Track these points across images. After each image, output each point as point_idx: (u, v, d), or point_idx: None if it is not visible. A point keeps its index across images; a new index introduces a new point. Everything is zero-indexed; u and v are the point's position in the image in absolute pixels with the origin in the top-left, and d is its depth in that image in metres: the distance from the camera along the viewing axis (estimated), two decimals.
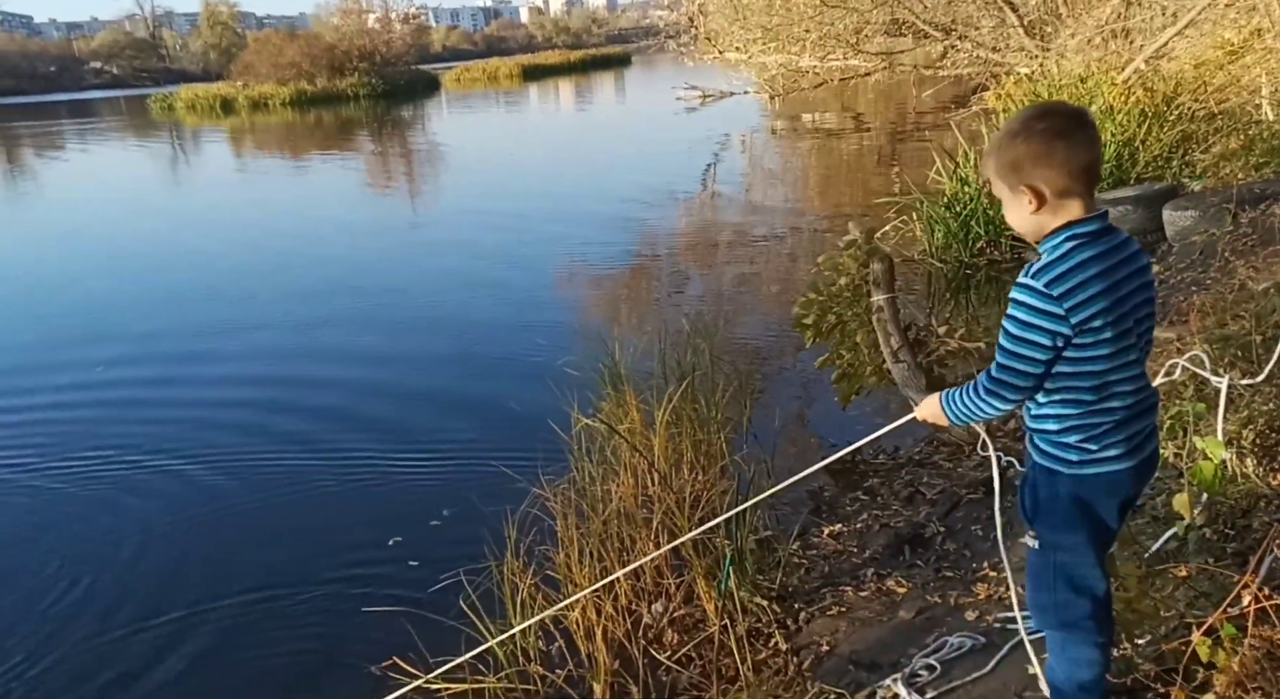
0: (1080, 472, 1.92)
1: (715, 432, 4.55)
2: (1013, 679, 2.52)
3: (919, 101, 20.39)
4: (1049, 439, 1.94)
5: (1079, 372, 1.85)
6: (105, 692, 3.41)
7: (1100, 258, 1.83)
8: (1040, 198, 1.85)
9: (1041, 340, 1.81)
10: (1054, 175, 1.83)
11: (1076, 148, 1.83)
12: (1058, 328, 1.80)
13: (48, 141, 26.44)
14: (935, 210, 8.00)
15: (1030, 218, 1.89)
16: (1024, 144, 1.86)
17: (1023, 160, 1.86)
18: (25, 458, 5.42)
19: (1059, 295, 1.79)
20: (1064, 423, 1.91)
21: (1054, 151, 1.83)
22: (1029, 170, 1.85)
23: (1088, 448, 1.91)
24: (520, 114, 30.98)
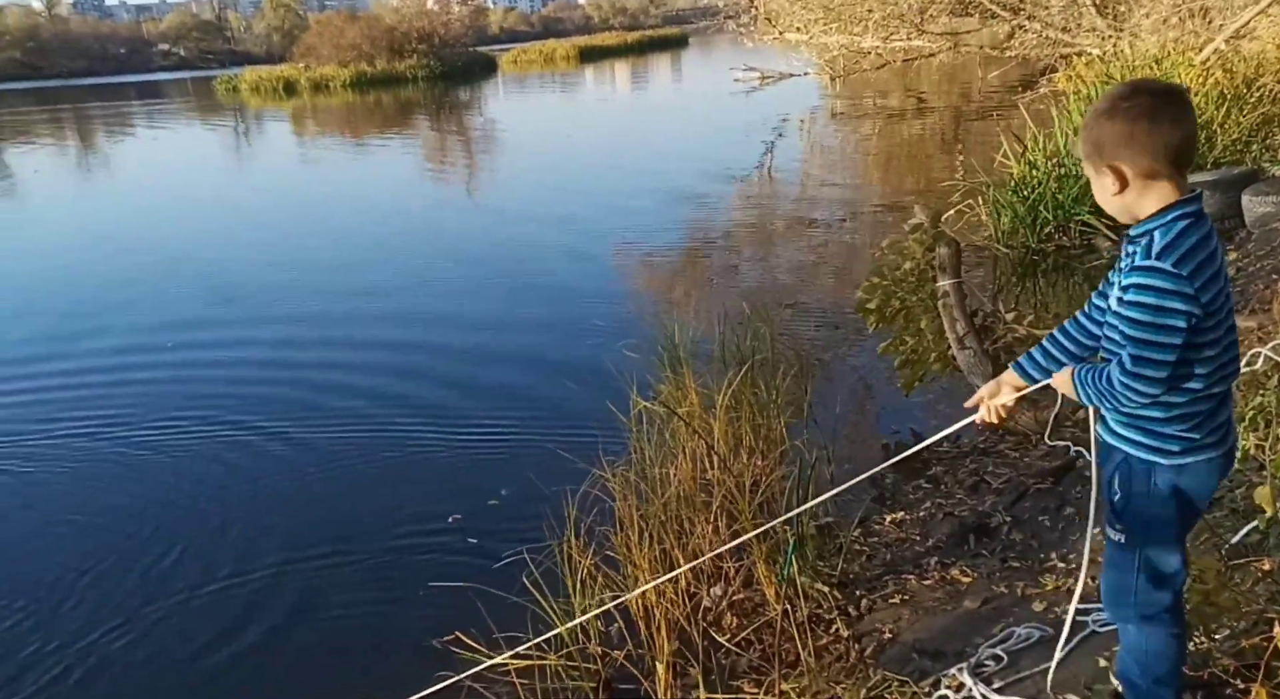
0: (1182, 461, 1.86)
1: (775, 416, 4.52)
2: (1082, 671, 2.47)
3: (984, 83, 19.93)
4: (1150, 428, 1.88)
5: (1198, 357, 1.79)
6: (198, 650, 3.51)
7: (1206, 239, 1.77)
8: (1122, 179, 1.79)
9: (1177, 323, 1.74)
10: (1137, 156, 1.78)
11: (1161, 128, 1.77)
12: (1190, 308, 1.74)
13: (119, 122, 27.12)
14: (1002, 194, 7.82)
15: (1113, 199, 1.83)
16: (1108, 123, 1.80)
17: (1105, 140, 1.80)
18: (109, 425, 5.63)
19: (1188, 275, 1.73)
20: (1170, 411, 1.85)
21: (1137, 132, 1.77)
22: (1111, 151, 1.80)
23: (1190, 437, 1.85)
24: (576, 96, 30.99)
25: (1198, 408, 1.84)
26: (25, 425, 5.72)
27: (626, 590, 3.38)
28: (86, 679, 3.38)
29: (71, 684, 3.36)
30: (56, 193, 15.79)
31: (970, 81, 21.14)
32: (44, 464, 5.18)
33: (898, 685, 2.68)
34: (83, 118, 28.61)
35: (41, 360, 6.96)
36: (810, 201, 11.08)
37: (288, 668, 3.40)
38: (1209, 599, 2.23)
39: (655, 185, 12.33)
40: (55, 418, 5.77)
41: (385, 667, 3.30)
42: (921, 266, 4.98)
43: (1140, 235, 1.82)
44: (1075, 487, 3.70)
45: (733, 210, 10.92)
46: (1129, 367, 1.79)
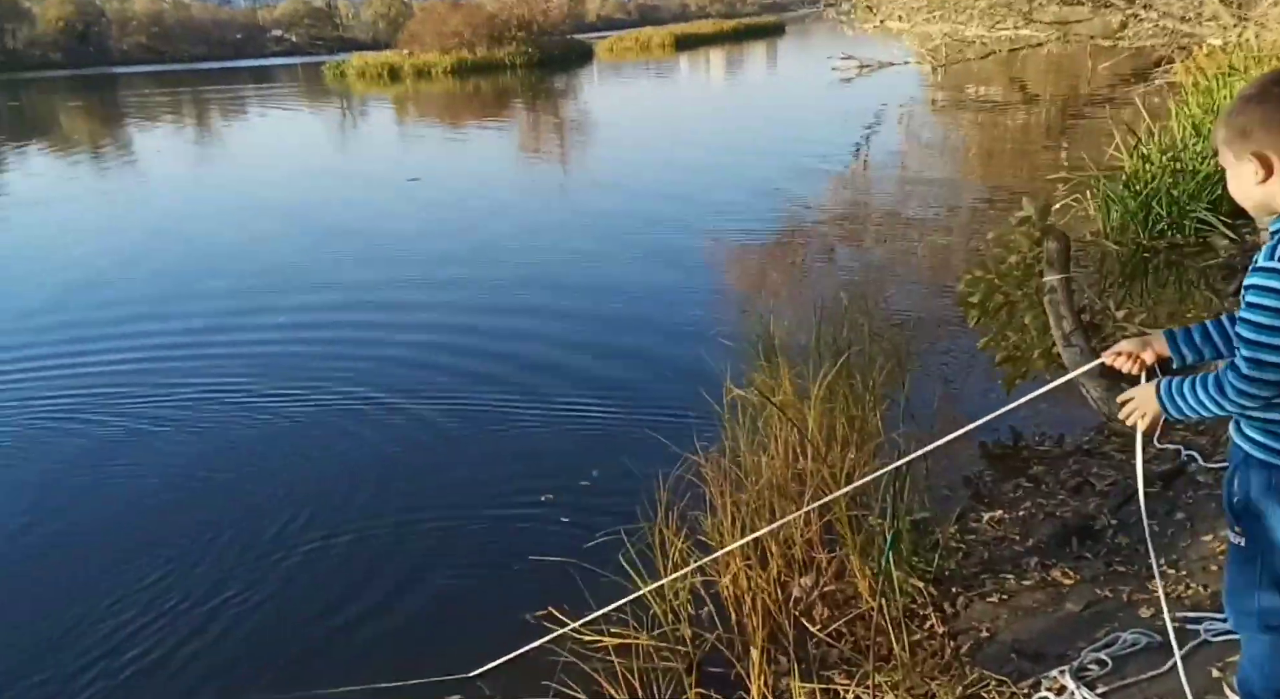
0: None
1: (870, 408, 4.47)
2: (1193, 681, 2.39)
3: (1094, 75, 19.21)
4: (1272, 431, 1.81)
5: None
6: (316, 611, 3.65)
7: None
8: (1269, 168, 1.72)
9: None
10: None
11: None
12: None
13: (235, 105, 28.18)
14: (1112, 189, 7.55)
15: (1255, 189, 1.75)
16: (1258, 108, 1.72)
17: (1254, 126, 1.72)
18: (234, 390, 5.93)
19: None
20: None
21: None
22: (1259, 136, 1.72)
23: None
24: (671, 84, 30.95)
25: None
26: (158, 387, 6.03)
27: (718, 576, 3.40)
28: (222, 634, 3.55)
29: (208, 640, 3.52)
30: (177, 170, 16.50)
31: (1079, 72, 20.40)
32: (177, 424, 5.46)
33: (995, 685, 2.64)
34: (201, 101, 29.81)
35: (173, 323, 7.43)
36: (907, 193, 10.87)
37: (392, 634, 3.51)
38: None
39: (749, 174, 12.26)
40: (185, 381, 6.10)
41: (480, 637, 3.38)
42: (1028, 260, 4.83)
43: (1276, 232, 1.75)
44: (1186, 491, 3.57)
45: (827, 201, 10.79)
46: (1245, 370, 1.73)
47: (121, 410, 5.67)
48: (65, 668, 3.38)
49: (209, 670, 3.35)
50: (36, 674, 3.36)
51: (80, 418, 5.60)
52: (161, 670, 3.36)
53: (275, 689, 3.21)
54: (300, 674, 3.29)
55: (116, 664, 3.39)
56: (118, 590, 3.82)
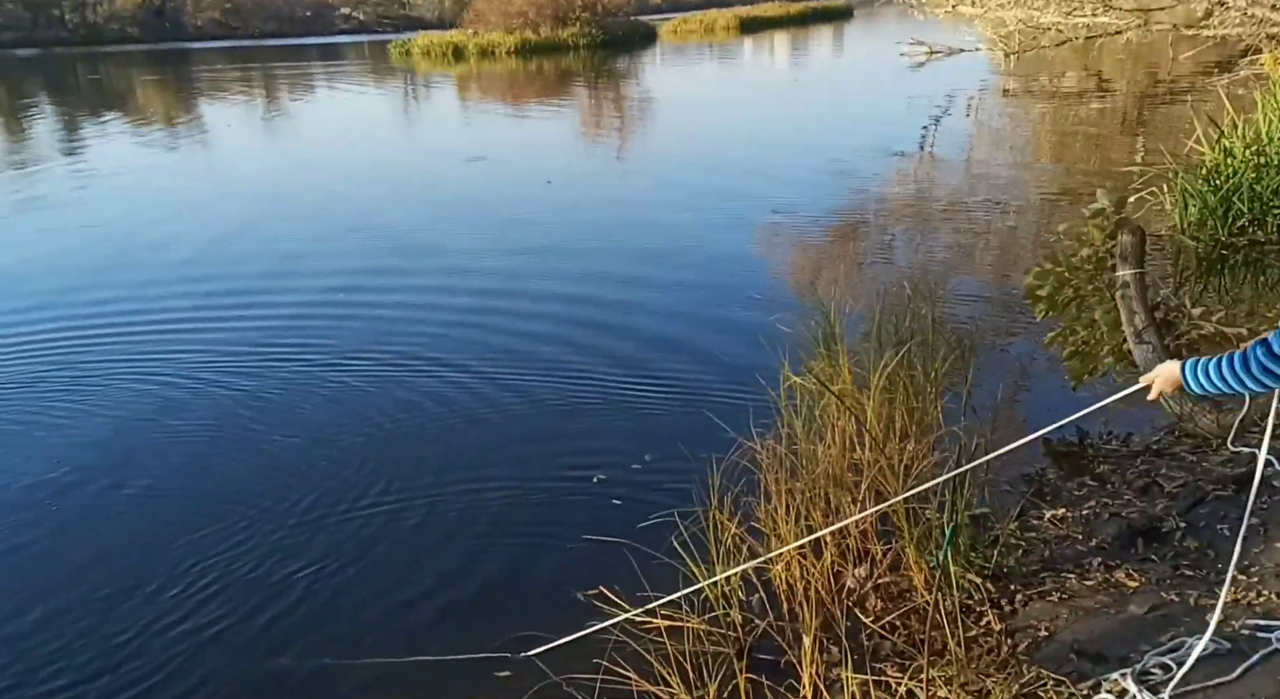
0: None
1: (931, 400, 4.40)
2: (1262, 690, 2.32)
3: (1174, 64, 18.57)
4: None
5: None
6: (381, 585, 3.71)
7: None
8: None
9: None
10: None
11: None
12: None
13: (303, 82, 28.63)
14: (1191, 182, 7.30)
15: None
16: None
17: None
18: (317, 353, 6.14)
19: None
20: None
21: None
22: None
23: None
24: (735, 66, 30.67)
25: None
26: (248, 348, 6.25)
27: (771, 563, 3.39)
28: (285, 601, 3.63)
29: (272, 606, 3.60)
30: (251, 143, 16.82)
31: (1159, 62, 19.74)
32: (263, 384, 5.64)
33: (1054, 684, 2.59)
34: (272, 77, 30.33)
35: (258, 290, 7.66)
36: (974, 182, 10.64)
37: (447, 607, 3.54)
38: None
39: (812, 159, 12.11)
40: (274, 343, 6.33)
41: (533, 614, 3.41)
42: (1100, 254, 4.70)
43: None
44: (1262, 496, 3.44)
45: (892, 188, 10.61)
46: (1275, 348, 1.71)
47: (202, 374, 5.84)
48: (136, 629, 3.49)
49: (271, 636, 3.42)
50: (110, 632, 3.48)
51: (159, 379, 5.79)
52: (225, 634, 3.44)
53: (335, 655, 3.28)
54: (359, 642, 3.35)
55: (186, 627, 3.49)
56: (191, 554, 3.92)
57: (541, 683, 3.02)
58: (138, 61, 36.62)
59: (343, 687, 3.16)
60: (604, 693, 2.71)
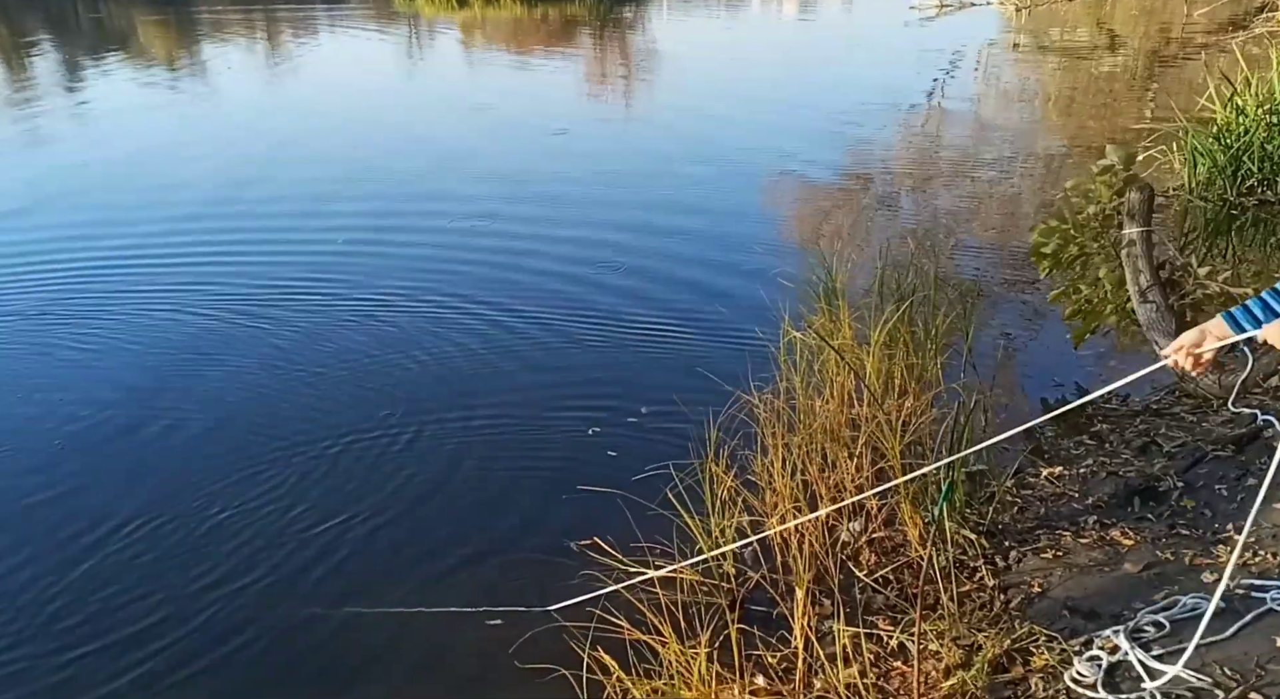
0: None
1: (931, 357, 4.38)
2: (1255, 649, 2.32)
3: (1188, 21, 18.25)
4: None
5: None
6: (370, 533, 3.71)
7: None
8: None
9: None
10: None
11: None
12: None
13: (306, 26, 28.17)
14: (1201, 141, 7.19)
15: None
16: None
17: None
18: (306, 295, 6.13)
19: None
20: None
21: None
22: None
23: None
24: (743, 17, 30.16)
25: None
26: (271, 284, 6.29)
27: (765, 515, 3.38)
28: (297, 553, 3.62)
29: (288, 557, 3.59)
30: (248, 88, 16.58)
31: (1172, 18, 19.39)
32: (289, 319, 5.69)
33: (1045, 640, 2.59)
34: (273, 19, 29.85)
35: (259, 228, 7.68)
36: (981, 138, 10.50)
37: (440, 559, 3.53)
38: None
39: (819, 113, 11.94)
40: (301, 277, 6.39)
41: (524, 565, 3.42)
42: (1107, 212, 4.63)
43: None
44: (1261, 457, 3.43)
45: (898, 142, 10.47)
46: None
47: (230, 308, 5.88)
48: (163, 576, 3.48)
49: (284, 585, 3.41)
50: (135, 581, 3.47)
51: (188, 312, 5.83)
52: (238, 581, 3.43)
53: (339, 604, 3.28)
54: (365, 593, 3.33)
55: (201, 574, 3.50)
56: (219, 499, 3.91)
57: (535, 630, 3.03)
58: (139, 2, 36.02)
59: (347, 636, 3.16)
60: (596, 642, 2.72)
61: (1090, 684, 2.37)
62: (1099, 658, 2.44)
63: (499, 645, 2.99)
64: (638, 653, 2.67)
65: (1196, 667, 2.33)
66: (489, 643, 3.03)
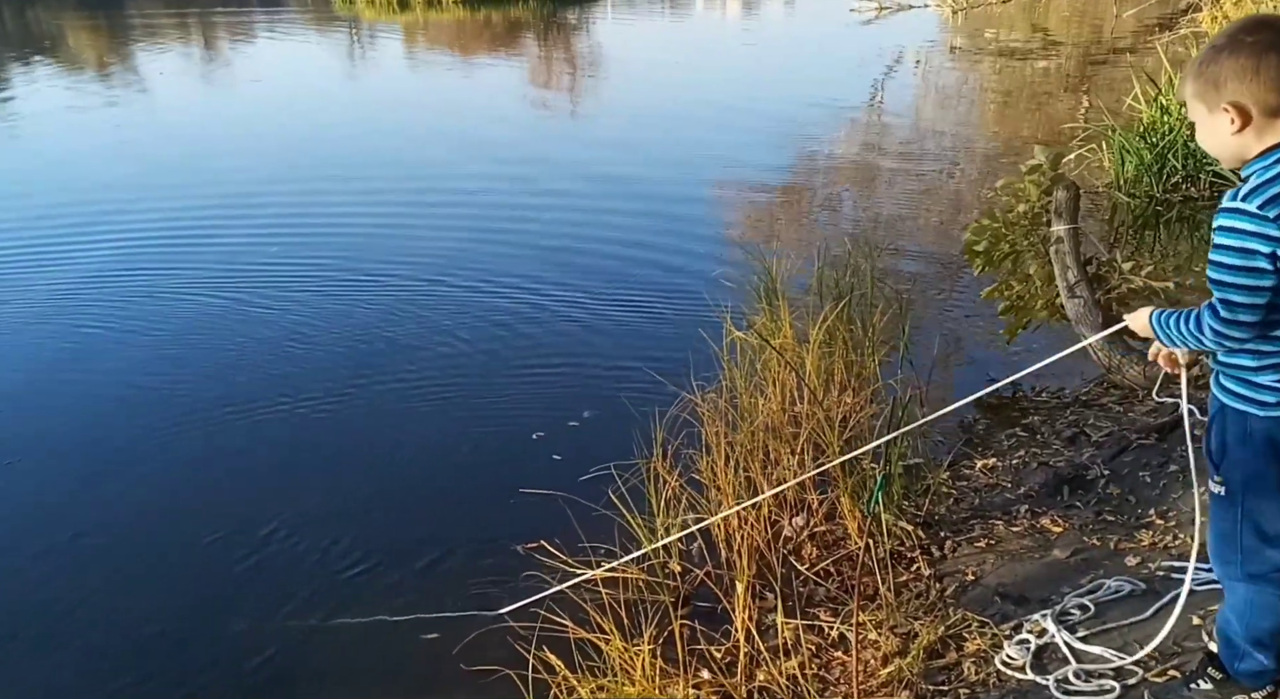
0: (1276, 413, 1.80)
1: (869, 353, 4.47)
2: (1175, 628, 2.42)
3: (1117, 22, 18.79)
4: (1241, 377, 1.82)
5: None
6: (315, 544, 3.67)
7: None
8: (1245, 117, 1.70)
9: (1263, 265, 1.69)
10: (1263, 92, 1.69)
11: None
12: (1276, 249, 1.67)
13: (243, 30, 27.72)
14: (1128, 139, 7.43)
15: (1230, 140, 1.75)
16: (1230, 58, 1.71)
17: (1227, 76, 1.71)
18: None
19: (1276, 216, 1.67)
20: (1262, 360, 1.80)
21: (1264, 66, 1.68)
22: (1234, 87, 1.71)
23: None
24: (686, 20, 30.33)
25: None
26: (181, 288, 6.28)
27: (709, 513, 3.43)
28: (237, 569, 3.59)
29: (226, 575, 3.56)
30: (180, 92, 16.28)
31: (1102, 19, 19.94)
32: (193, 328, 5.70)
33: (978, 626, 2.67)
34: (209, 24, 29.33)
35: (190, 226, 7.40)
36: (921, 140, 10.71)
37: (382, 565, 3.53)
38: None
39: (760, 116, 12.07)
40: (217, 288, 6.32)
41: (470, 565, 3.43)
42: (1036, 210, 4.77)
43: (1245, 178, 1.76)
44: (1181, 444, 3.54)
45: (839, 145, 10.64)
46: (1221, 312, 1.75)
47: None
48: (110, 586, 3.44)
49: (223, 601, 3.39)
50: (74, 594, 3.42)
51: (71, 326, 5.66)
52: (173, 600, 3.41)
53: (281, 618, 3.26)
54: (308, 605, 3.32)
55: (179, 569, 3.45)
56: (124, 523, 3.87)
57: (480, 633, 3.04)
58: (69, 6, 35.14)
59: (291, 649, 3.13)
60: (542, 642, 2.74)
61: (1019, 666, 2.45)
62: (1028, 641, 2.52)
63: (444, 650, 3.00)
64: (583, 652, 2.70)
65: (1118, 646, 2.43)
66: (434, 648, 3.04)
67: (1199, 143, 1.86)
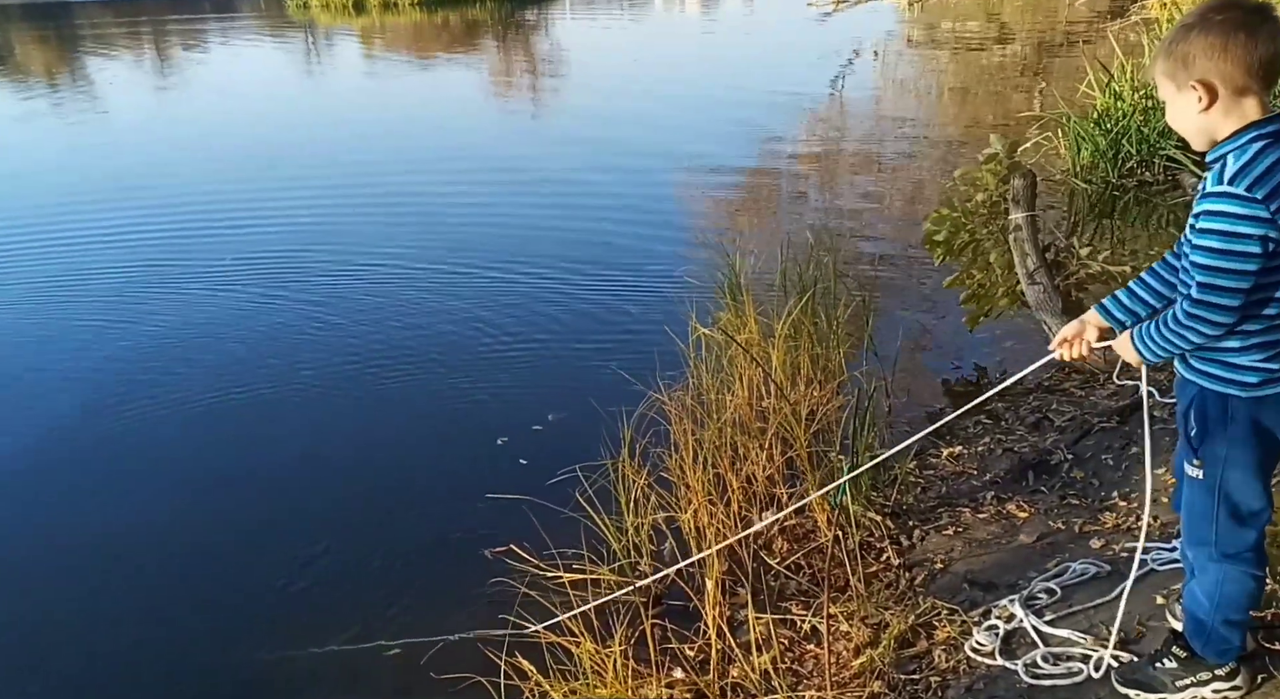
0: (1259, 393, 1.82)
1: (834, 346, 4.49)
2: (1137, 608, 2.45)
3: (1071, 10, 19.03)
4: (1224, 360, 1.83)
5: (1270, 282, 1.73)
6: (280, 562, 3.60)
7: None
8: (1213, 95, 1.72)
9: (1252, 248, 1.69)
10: (1231, 70, 1.70)
11: (1258, 40, 1.69)
12: (1266, 232, 1.68)
13: (195, 36, 27.34)
14: (1083, 127, 7.52)
15: (1197, 118, 1.76)
16: (1199, 36, 1.72)
17: (1196, 54, 1.72)
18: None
19: (1263, 198, 1.68)
20: (1247, 340, 1.80)
21: (1232, 44, 1.69)
22: (1202, 64, 1.71)
23: (1269, 368, 1.80)
24: (645, 18, 30.33)
25: (1277, 337, 1.78)
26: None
27: (679, 511, 3.43)
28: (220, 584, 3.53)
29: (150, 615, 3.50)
30: (131, 101, 16.03)
31: (1056, 9, 20.19)
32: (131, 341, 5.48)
33: (947, 614, 2.69)
34: (160, 32, 28.90)
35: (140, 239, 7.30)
36: (882, 132, 10.78)
37: (351, 571, 3.50)
38: (1278, 541, 2.17)
39: (722, 112, 12.10)
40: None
41: (440, 574, 3.40)
42: (994, 198, 4.82)
43: (1215, 160, 1.77)
44: (1142, 426, 3.61)
45: (801, 139, 10.68)
46: (1196, 295, 1.75)
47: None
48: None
49: (180, 631, 3.34)
50: None
51: None
52: (125, 635, 3.34)
53: (262, 649, 3.19)
54: (283, 630, 3.26)
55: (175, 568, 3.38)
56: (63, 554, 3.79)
57: (452, 640, 3.02)
58: (14, 16, 34.52)
59: (252, 678, 3.07)
60: (514, 648, 2.72)
61: (989, 652, 2.47)
62: (996, 627, 2.54)
63: (412, 662, 2.97)
64: (555, 656, 2.69)
65: (1084, 628, 2.46)
66: (407, 658, 3.01)
67: (1169, 122, 1.85)
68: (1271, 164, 1.69)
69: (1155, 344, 1.87)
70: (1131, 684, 2.19)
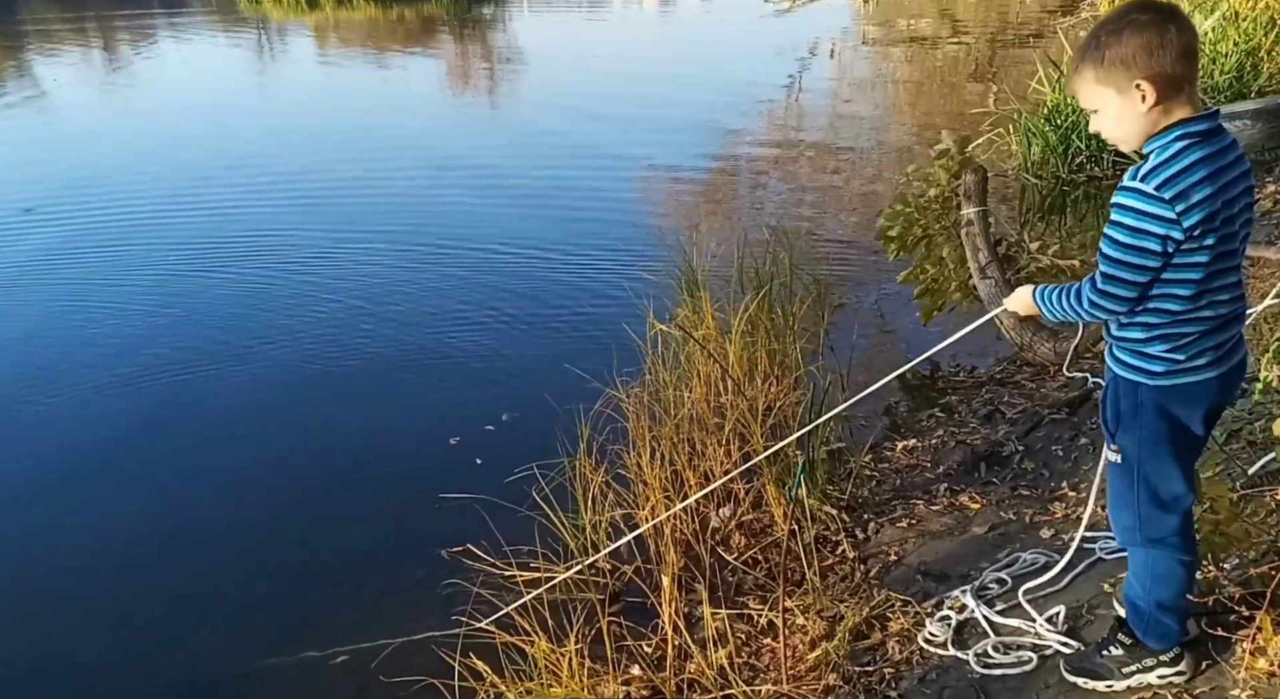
0: (1165, 383, 1.86)
1: (791, 342, 4.50)
2: (1085, 596, 2.49)
3: (1023, 7, 19.30)
4: (1133, 349, 1.88)
5: (1176, 279, 1.78)
6: (248, 571, 3.56)
7: (1208, 160, 1.73)
8: (1158, 90, 1.74)
9: (1152, 246, 1.73)
10: (1171, 62, 1.73)
11: (1182, 30, 1.73)
12: (1169, 232, 1.71)
13: (144, 33, 26.81)
14: (1034, 123, 7.62)
15: (1143, 118, 1.77)
16: (1134, 36, 1.74)
17: (1136, 52, 1.74)
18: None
19: (1171, 198, 1.70)
20: (1150, 332, 1.85)
21: (1166, 38, 1.72)
22: (1144, 62, 1.73)
23: (1173, 358, 1.84)
24: (603, 15, 30.28)
25: (1182, 330, 1.83)
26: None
27: (636, 508, 3.42)
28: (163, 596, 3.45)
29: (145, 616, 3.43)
30: (76, 101, 15.68)
31: (1008, 6, 20.46)
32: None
33: (901, 605, 2.71)
34: (107, 28, 28.30)
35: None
36: (837, 129, 10.85)
37: (302, 577, 3.46)
38: (1219, 529, 2.21)
39: (679, 110, 12.09)
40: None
41: (394, 576, 3.36)
42: (946, 194, 4.86)
43: (1145, 156, 1.80)
44: (1090, 417, 3.67)
45: (758, 136, 10.71)
46: (1099, 284, 1.81)
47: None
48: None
49: (116, 651, 3.26)
50: None
51: None
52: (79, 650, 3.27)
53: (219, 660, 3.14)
54: (245, 638, 3.22)
55: None
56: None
57: (406, 643, 2.99)
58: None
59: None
60: (469, 649, 2.69)
61: (941, 643, 2.49)
62: (949, 617, 2.57)
63: (363, 665, 2.93)
64: (510, 656, 2.67)
65: (1034, 618, 2.49)
66: (358, 663, 2.97)
67: (1105, 133, 1.84)
68: (1189, 165, 1.72)
69: (1052, 306, 1.96)
70: (1079, 672, 2.22)
